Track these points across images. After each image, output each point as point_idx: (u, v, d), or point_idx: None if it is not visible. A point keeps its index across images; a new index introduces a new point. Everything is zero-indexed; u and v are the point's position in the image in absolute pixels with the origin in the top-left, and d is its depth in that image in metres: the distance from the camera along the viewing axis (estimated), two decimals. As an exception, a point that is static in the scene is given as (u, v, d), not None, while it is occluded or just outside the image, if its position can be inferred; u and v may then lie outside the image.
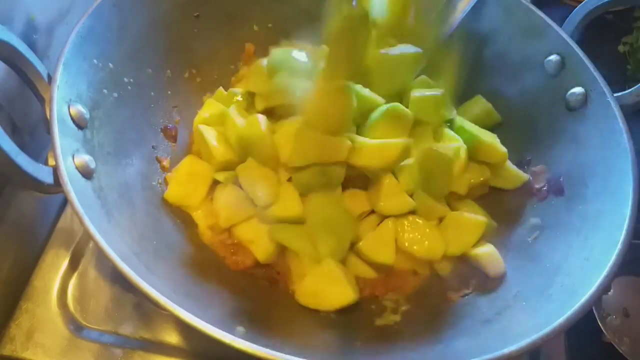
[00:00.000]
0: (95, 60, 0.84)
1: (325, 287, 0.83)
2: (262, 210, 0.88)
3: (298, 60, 0.94)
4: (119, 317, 0.90)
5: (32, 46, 0.86)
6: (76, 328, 0.89)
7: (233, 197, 0.90)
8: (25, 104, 0.86)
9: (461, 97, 1.05)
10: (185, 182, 0.92)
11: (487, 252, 0.87)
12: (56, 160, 0.70)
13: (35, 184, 0.70)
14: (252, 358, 0.60)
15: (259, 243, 0.87)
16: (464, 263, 0.89)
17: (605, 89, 0.86)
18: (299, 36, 1.06)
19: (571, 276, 0.76)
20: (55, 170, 0.70)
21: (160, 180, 0.93)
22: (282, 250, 0.89)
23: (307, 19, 1.10)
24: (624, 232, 0.74)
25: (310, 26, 1.10)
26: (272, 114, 0.94)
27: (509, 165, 0.94)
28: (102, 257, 0.65)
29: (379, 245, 0.86)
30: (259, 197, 0.88)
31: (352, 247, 0.88)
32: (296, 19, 1.10)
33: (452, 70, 0.99)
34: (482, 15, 1.00)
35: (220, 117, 0.97)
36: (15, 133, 0.87)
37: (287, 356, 0.60)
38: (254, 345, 0.60)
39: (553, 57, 0.93)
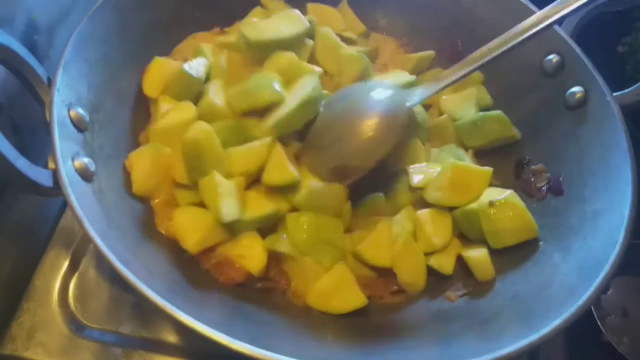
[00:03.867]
0: (95, 63, 0.84)
1: (337, 291, 0.83)
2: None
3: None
4: (119, 317, 0.90)
5: (32, 46, 0.87)
6: (77, 327, 0.89)
7: (198, 219, 0.84)
8: (27, 105, 0.86)
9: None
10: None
11: (477, 256, 0.87)
12: (56, 163, 0.70)
13: (35, 187, 0.70)
14: (250, 358, 0.60)
15: (250, 256, 0.85)
16: (463, 263, 0.89)
17: (605, 88, 0.86)
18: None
19: (570, 276, 0.76)
20: (55, 174, 0.70)
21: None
22: (275, 258, 0.87)
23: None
24: (622, 232, 0.74)
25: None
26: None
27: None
28: (102, 258, 0.65)
29: (376, 248, 0.86)
30: (224, 214, 0.82)
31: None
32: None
33: None
34: (481, 15, 1.00)
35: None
36: (16, 133, 0.87)
37: (285, 357, 0.60)
38: (252, 347, 0.60)
39: (552, 57, 0.94)
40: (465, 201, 0.89)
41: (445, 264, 0.88)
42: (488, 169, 0.90)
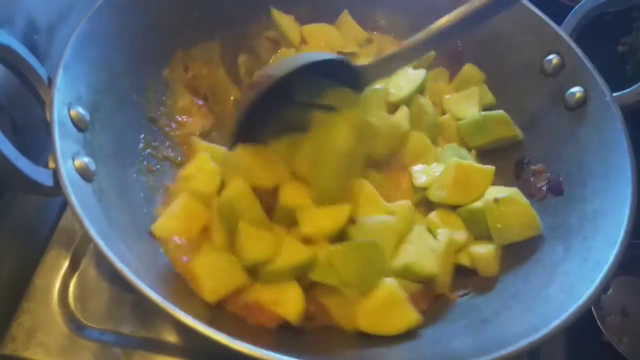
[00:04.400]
0: (95, 62, 0.84)
1: (389, 311, 0.79)
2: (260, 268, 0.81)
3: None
4: (119, 316, 0.90)
5: (33, 46, 0.86)
6: (77, 327, 0.89)
7: (217, 264, 0.81)
8: (27, 104, 0.86)
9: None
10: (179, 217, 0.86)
11: (482, 252, 0.87)
12: (56, 163, 0.70)
13: (35, 187, 0.70)
14: (250, 358, 0.60)
15: (285, 302, 0.78)
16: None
17: (605, 88, 0.86)
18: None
19: (570, 276, 0.76)
20: (55, 173, 0.70)
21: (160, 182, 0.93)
22: (310, 294, 0.82)
23: (306, 21, 1.11)
24: (622, 232, 0.74)
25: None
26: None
27: None
28: (102, 257, 0.65)
29: (423, 259, 0.84)
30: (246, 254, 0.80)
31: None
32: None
33: None
34: (481, 15, 0.99)
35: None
36: (17, 133, 0.87)
37: (285, 357, 0.60)
38: (252, 347, 0.60)
39: (552, 57, 0.94)
40: (469, 200, 0.89)
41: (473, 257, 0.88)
42: (490, 168, 0.91)
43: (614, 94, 0.86)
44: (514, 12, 0.96)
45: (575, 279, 0.75)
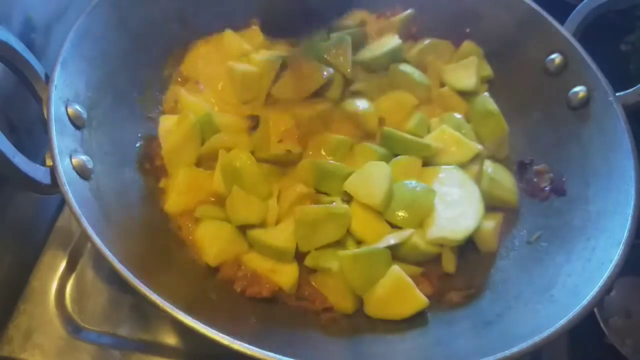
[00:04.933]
0: (93, 60, 0.84)
1: (396, 296, 0.80)
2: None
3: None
4: (116, 318, 0.89)
5: (30, 45, 0.86)
6: (74, 329, 0.88)
7: (219, 231, 0.85)
8: (24, 103, 0.86)
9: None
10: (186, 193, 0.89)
11: (482, 228, 0.86)
12: (53, 160, 0.70)
13: (32, 184, 0.70)
14: (251, 358, 0.60)
15: (282, 270, 0.82)
16: (467, 262, 0.88)
17: (608, 88, 0.86)
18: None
19: (573, 277, 0.76)
20: (53, 171, 0.70)
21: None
22: (306, 276, 0.85)
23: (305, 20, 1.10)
24: (626, 233, 0.73)
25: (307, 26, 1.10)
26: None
27: None
28: (100, 258, 0.65)
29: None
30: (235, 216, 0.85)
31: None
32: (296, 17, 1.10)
33: None
34: (484, 14, 0.99)
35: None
36: (13, 132, 0.87)
37: (285, 358, 0.60)
38: (252, 347, 0.60)
39: (555, 56, 0.93)
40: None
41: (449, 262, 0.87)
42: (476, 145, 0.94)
43: (618, 94, 0.86)
44: (517, 10, 0.96)
45: (578, 280, 0.74)
